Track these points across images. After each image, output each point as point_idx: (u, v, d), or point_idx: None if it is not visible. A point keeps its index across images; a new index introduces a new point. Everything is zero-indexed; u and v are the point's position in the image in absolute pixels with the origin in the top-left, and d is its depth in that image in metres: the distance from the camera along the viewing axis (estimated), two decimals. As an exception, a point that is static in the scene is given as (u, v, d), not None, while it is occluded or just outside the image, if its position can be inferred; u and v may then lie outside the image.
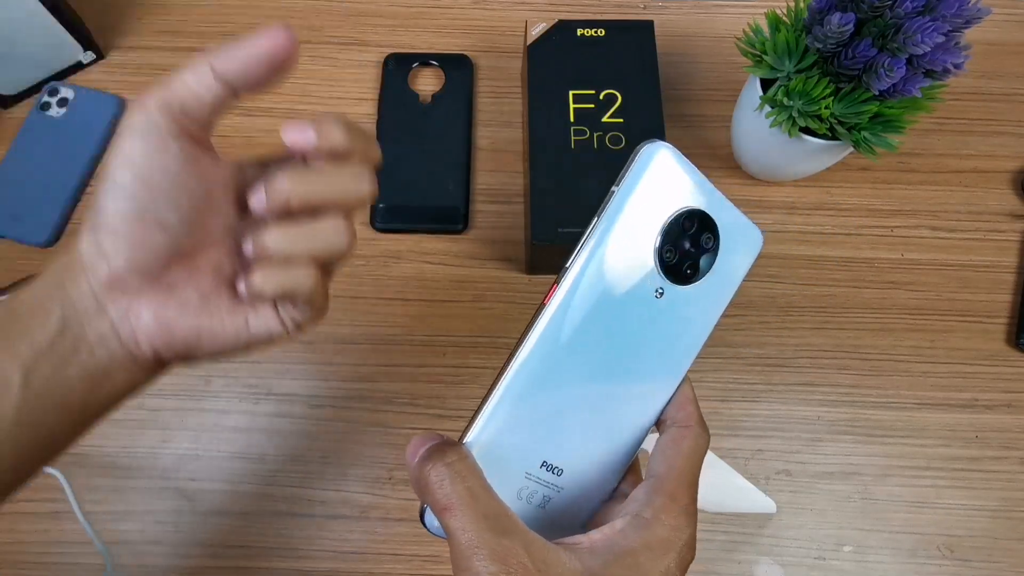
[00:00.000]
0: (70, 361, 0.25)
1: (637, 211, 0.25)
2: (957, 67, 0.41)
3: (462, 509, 0.22)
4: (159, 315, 0.26)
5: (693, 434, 0.26)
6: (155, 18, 0.63)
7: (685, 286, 0.26)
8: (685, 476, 0.25)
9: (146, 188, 0.25)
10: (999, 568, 0.47)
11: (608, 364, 0.26)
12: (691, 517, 0.24)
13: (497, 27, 0.63)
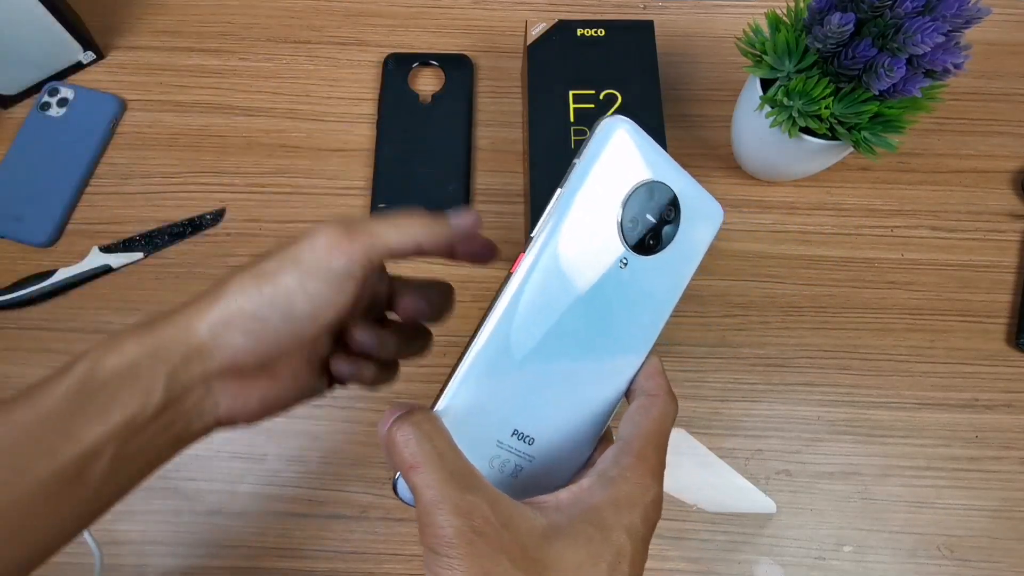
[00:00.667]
0: (164, 433, 0.26)
1: (599, 183, 0.26)
2: (957, 67, 0.41)
3: (427, 467, 0.22)
4: (263, 398, 0.28)
5: (662, 402, 0.26)
6: (155, 18, 0.63)
7: (648, 257, 0.27)
8: (652, 438, 0.25)
9: (311, 320, 0.26)
10: (999, 568, 0.47)
11: (576, 334, 0.26)
12: (657, 477, 0.24)
13: (497, 27, 0.63)
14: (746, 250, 0.56)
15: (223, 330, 0.25)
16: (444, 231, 0.28)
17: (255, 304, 0.25)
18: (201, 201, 0.57)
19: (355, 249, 0.26)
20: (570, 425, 0.27)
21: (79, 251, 0.55)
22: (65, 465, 0.23)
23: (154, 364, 0.24)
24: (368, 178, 0.57)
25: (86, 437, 0.23)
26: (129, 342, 0.25)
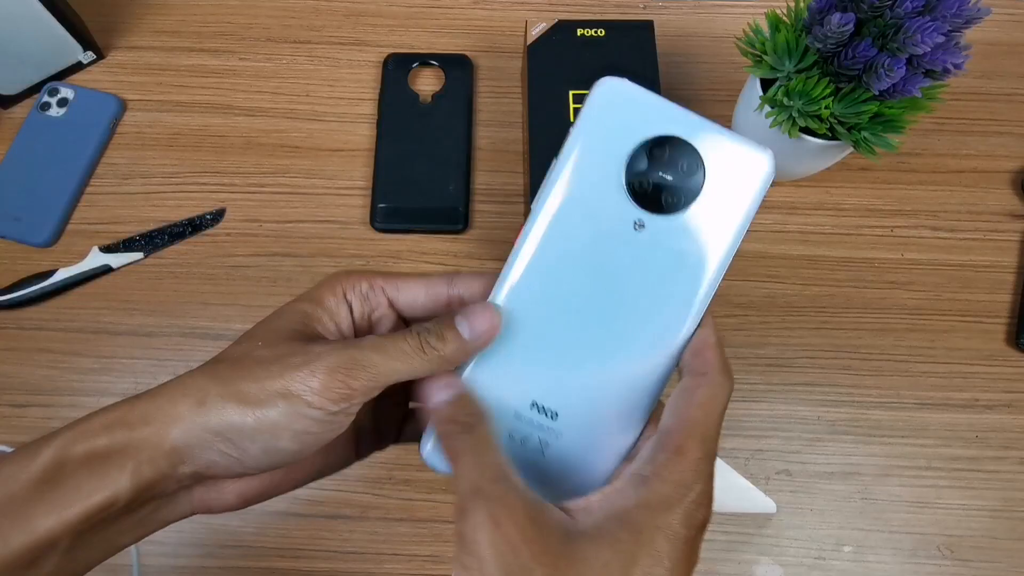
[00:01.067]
0: (128, 524, 0.24)
1: (598, 142, 0.25)
2: (957, 67, 0.41)
3: (463, 459, 0.23)
4: (244, 493, 0.27)
5: (709, 382, 0.23)
6: (155, 18, 0.63)
7: (669, 216, 0.25)
8: (697, 428, 0.22)
9: (295, 454, 0.24)
10: (999, 568, 0.47)
11: (593, 302, 0.25)
12: (700, 473, 0.22)
13: (497, 27, 0.63)
14: (746, 250, 0.55)
15: (196, 445, 0.23)
16: (462, 355, 0.25)
17: (234, 432, 0.23)
18: (201, 201, 0.57)
19: (354, 393, 0.23)
20: (602, 401, 0.25)
21: (79, 251, 0.55)
22: (16, 553, 0.22)
23: (122, 461, 0.23)
24: (368, 178, 0.57)
25: (41, 527, 0.22)
26: (100, 434, 0.23)
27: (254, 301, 0.54)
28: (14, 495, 0.22)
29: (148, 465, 0.23)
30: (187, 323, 0.53)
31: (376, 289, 0.28)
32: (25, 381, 0.51)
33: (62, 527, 0.22)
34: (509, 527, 0.21)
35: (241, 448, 0.23)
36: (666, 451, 0.22)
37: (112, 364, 0.52)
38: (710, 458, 0.22)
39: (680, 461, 0.22)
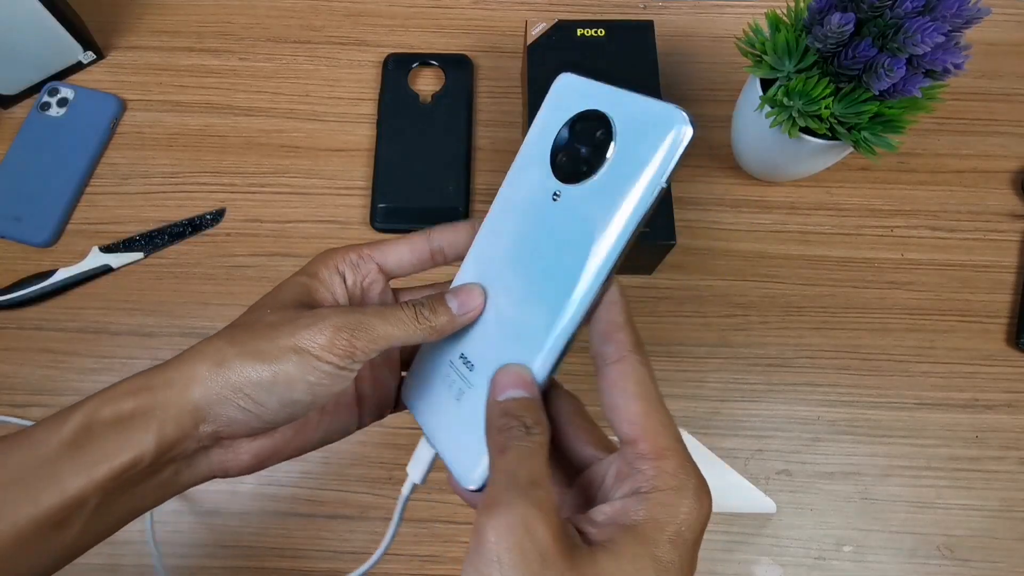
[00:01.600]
0: (151, 485, 0.26)
1: (539, 129, 0.28)
2: (957, 67, 0.41)
3: (517, 455, 0.23)
4: (259, 453, 0.28)
5: (630, 368, 0.23)
6: (155, 18, 0.63)
7: (577, 184, 0.25)
8: (656, 422, 0.22)
9: (308, 407, 0.26)
10: (999, 568, 0.47)
11: (518, 270, 0.27)
12: (682, 466, 0.22)
13: (497, 27, 0.63)
14: (746, 250, 0.56)
15: (216, 402, 0.25)
16: (452, 327, 0.27)
17: (252, 387, 0.25)
18: (201, 201, 0.57)
19: (356, 351, 0.25)
20: (505, 358, 0.26)
21: (79, 251, 0.55)
22: (47, 512, 0.23)
23: (147, 422, 0.24)
24: (368, 178, 0.57)
25: (71, 487, 0.24)
26: (125, 398, 0.25)
27: (254, 301, 0.53)
28: (45, 457, 0.24)
29: (171, 424, 0.25)
30: (187, 323, 0.53)
31: (364, 258, 0.30)
32: (25, 381, 0.51)
33: (91, 486, 0.24)
34: (542, 534, 0.20)
35: (259, 402, 0.25)
36: (647, 460, 0.22)
37: (112, 364, 0.52)
38: (680, 445, 0.22)
39: (667, 464, 0.22)
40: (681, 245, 0.55)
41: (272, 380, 0.25)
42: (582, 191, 0.25)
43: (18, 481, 0.24)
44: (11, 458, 0.24)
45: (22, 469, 0.24)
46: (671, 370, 0.52)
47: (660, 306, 0.54)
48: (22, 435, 0.25)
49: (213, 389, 0.25)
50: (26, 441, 0.24)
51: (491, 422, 0.25)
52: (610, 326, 0.24)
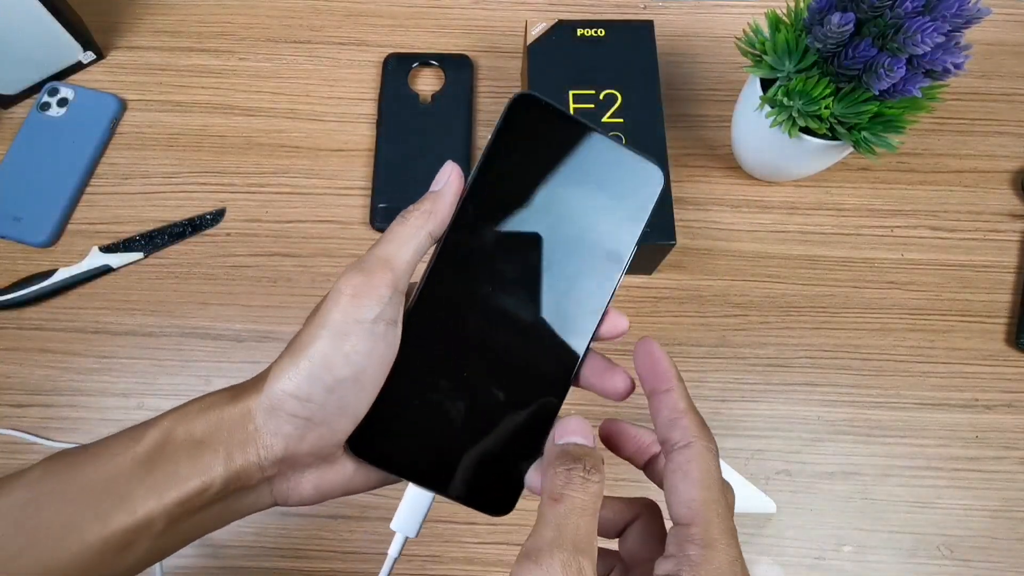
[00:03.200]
0: (216, 512, 0.25)
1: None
2: (957, 67, 0.41)
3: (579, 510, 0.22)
4: (320, 485, 0.27)
5: (697, 453, 0.23)
6: (155, 18, 0.63)
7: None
8: (712, 510, 0.22)
9: (357, 385, 0.25)
10: (999, 568, 0.47)
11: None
12: (729, 551, 0.22)
13: (497, 27, 0.63)
14: (746, 250, 0.56)
15: (271, 418, 0.24)
16: (443, 204, 0.26)
17: (295, 384, 0.24)
18: (201, 201, 0.57)
19: (379, 288, 0.24)
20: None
21: (79, 251, 0.55)
22: (115, 533, 0.23)
23: (216, 448, 0.24)
24: (368, 178, 0.57)
25: (141, 509, 0.23)
26: (197, 417, 0.25)
27: (254, 301, 0.54)
28: (118, 474, 0.23)
29: (238, 451, 0.24)
30: (187, 323, 0.53)
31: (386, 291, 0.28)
32: (25, 381, 0.51)
33: (159, 510, 0.23)
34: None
35: (305, 400, 0.24)
36: (696, 545, 0.22)
37: (112, 364, 0.52)
38: (731, 532, 0.22)
39: (715, 556, 0.21)
40: (681, 245, 0.55)
41: (309, 368, 0.24)
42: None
43: (90, 497, 0.23)
44: (84, 472, 0.24)
45: (95, 485, 0.23)
46: (671, 370, 0.52)
47: (660, 306, 0.54)
48: (98, 447, 0.24)
49: (265, 404, 0.24)
50: (102, 453, 0.24)
51: (549, 462, 0.24)
52: (674, 412, 0.24)
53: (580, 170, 0.27)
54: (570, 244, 0.27)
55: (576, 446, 0.24)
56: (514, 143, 0.27)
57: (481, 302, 0.27)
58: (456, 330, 0.27)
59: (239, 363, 0.52)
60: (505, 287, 0.27)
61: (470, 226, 0.27)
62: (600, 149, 0.27)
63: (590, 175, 0.27)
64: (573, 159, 0.27)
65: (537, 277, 0.27)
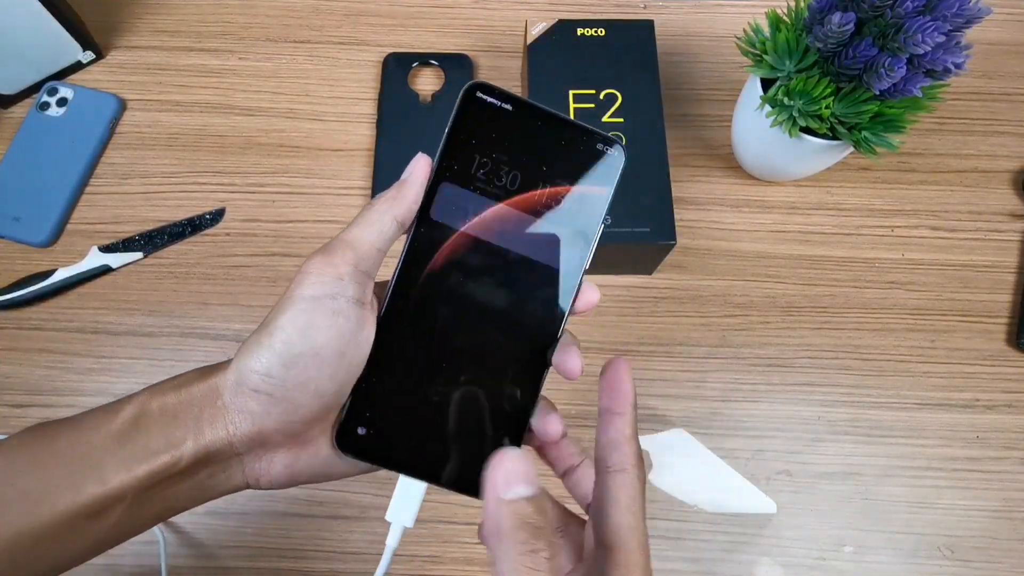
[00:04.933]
0: (187, 487, 0.26)
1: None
2: (958, 67, 0.41)
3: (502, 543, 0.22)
4: (293, 468, 0.27)
5: (630, 480, 0.24)
6: (154, 18, 0.63)
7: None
8: (636, 538, 0.23)
9: (316, 360, 0.25)
10: (999, 568, 0.47)
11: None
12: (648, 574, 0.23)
13: (497, 27, 0.63)
14: (746, 250, 0.55)
15: (237, 394, 0.25)
16: (409, 191, 0.27)
17: (256, 359, 0.24)
18: (201, 201, 0.57)
19: (339, 267, 0.25)
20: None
21: (79, 251, 0.54)
22: (87, 502, 0.24)
23: (187, 420, 0.25)
24: (368, 178, 0.57)
25: (113, 480, 0.24)
26: (170, 392, 0.25)
27: (254, 301, 0.53)
28: (94, 445, 0.24)
29: (208, 426, 0.25)
30: (187, 323, 0.53)
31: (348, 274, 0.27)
32: (25, 381, 0.51)
33: (131, 482, 0.24)
34: None
35: (265, 374, 0.24)
36: (619, 570, 0.23)
37: (112, 364, 0.52)
38: (647, 557, 0.23)
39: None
40: (681, 245, 0.55)
41: (269, 344, 0.24)
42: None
43: (64, 466, 0.24)
44: (61, 441, 0.24)
45: (70, 454, 0.24)
46: (671, 370, 0.52)
47: (660, 306, 0.54)
48: (77, 419, 0.25)
49: (232, 381, 0.25)
50: (79, 426, 0.25)
51: (503, 531, 0.22)
52: (620, 436, 0.25)
53: (541, 152, 0.27)
54: (538, 226, 0.27)
55: (526, 502, 0.22)
56: (472, 131, 0.27)
57: (454, 289, 0.27)
58: (431, 319, 0.27)
59: (239, 363, 0.52)
60: (476, 273, 0.27)
61: (437, 213, 0.27)
62: (559, 130, 0.27)
63: (551, 156, 0.27)
64: (532, 142, 0.27)
65: (508, 261, 0.27)
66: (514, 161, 0.27)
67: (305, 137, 0.59)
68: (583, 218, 0.28)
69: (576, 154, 0.27)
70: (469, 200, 0.27)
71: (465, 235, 0.27)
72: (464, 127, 0.27)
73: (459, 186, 0.27)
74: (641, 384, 0.52)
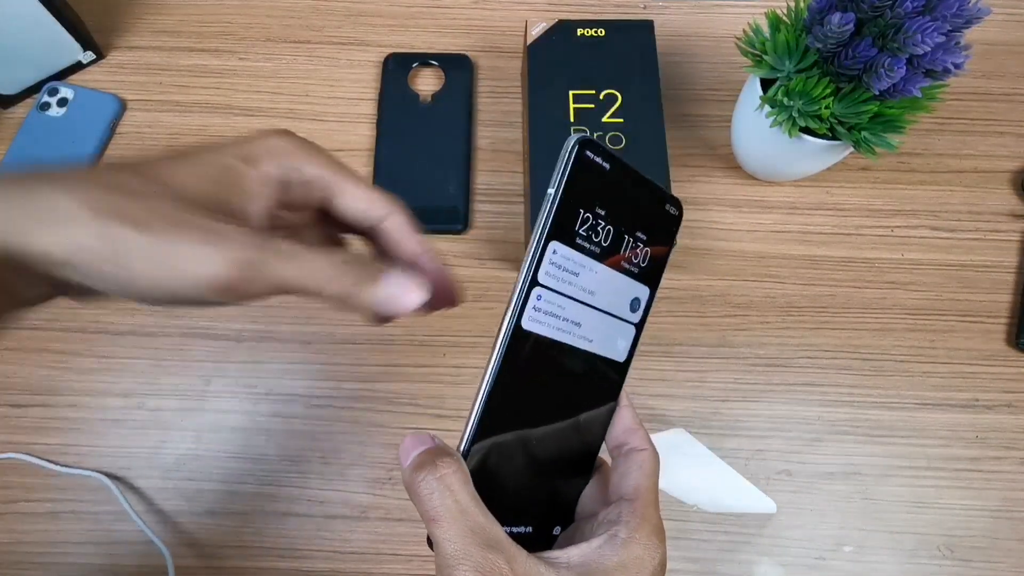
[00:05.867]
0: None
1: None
2: (957, 67, 0.41)
3: (449, 521, 0.22)
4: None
5: (651, 456, 0.28)
6: (155, 18, 0.63)
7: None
8: (652, 496, 0.26)
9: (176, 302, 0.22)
10: (999, 568, 0.47)
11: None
12: (662, 536, 0.26)
13: (497, 27, 0.63)
14: (746, 250, 0.55)
15: (89, 262, 0.21)
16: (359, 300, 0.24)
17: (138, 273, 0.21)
18: (201, 201, 0.57)
19: (245, 294, 0.22)
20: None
21: (79, 251, 0.54)
22: None
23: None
24: (368, 178, 0.57)
25: None
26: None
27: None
28: None
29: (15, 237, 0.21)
30: (187, 323, 0.53)
31: (318, 184, 0.26)
32: (25, 381, 0.51)
33: None
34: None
35: (134, 288, 0.21)
36: (635, 517, 0.25)
37: (112, 364, 0.52)
38: (661, 523, 0.26)
39: (647, 525, 0.25)
40: (681, 245, 0.55)
41: (156, 280, 0.21)
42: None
43: None
44: None
45: None
46: (671, 370, 0.52)
47: (660, 306, 0.54)
48: None
49: (87, 243, 0.21)
50: None
51: (408, 488, 0.24)
52: (634, 423, 0.28)
53: (631, 212, 0.27)
54: (624, 285, 0.28)
55: (418, 458, 0.24)
56: (579, 190, 0.25)
57: (556, 349, 0.27)
58: (537, 381, 0.27)
59: (239, 363, 0.52)
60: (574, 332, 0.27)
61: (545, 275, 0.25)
62: (644, 190, 0.28)
63: (638, 216, 0.28)
64: (624, 202, 0.27)
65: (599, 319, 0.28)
66: (610, 220, 0.27)
67: (305, 137, 0.59)
68: (653, 276, 0.29)
69: (655, 215, 0.28)
70: (572, 259, 0.26)
71: (570, 297, 0.26)
72: (572, 186, 0.25)
73: (566, 245, 0.26)
74: (641, 384, 0.52)
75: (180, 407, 0.51)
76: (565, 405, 0.27)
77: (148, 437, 0.50)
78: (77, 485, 0.48)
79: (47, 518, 0.48)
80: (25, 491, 0.49)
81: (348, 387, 0.51)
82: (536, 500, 0.27)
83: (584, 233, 0.26)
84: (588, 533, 0.26)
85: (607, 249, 0.27)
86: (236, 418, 0.50)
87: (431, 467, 0.23)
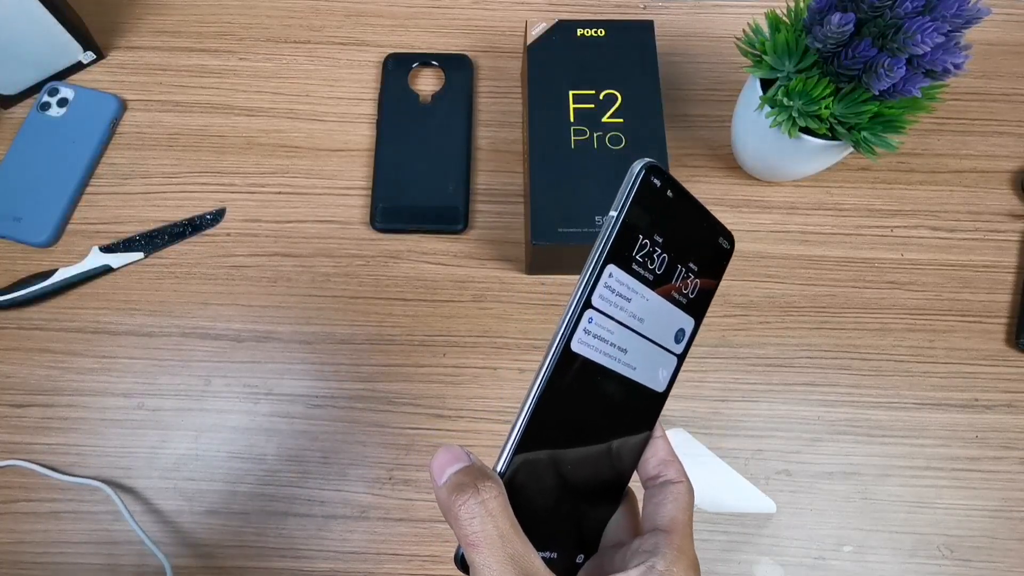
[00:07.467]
0: None
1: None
2: (957, 67, 0.41)
3: (489, 548, 0.22)
4: None
5: (687, 489, 0.28)
6: (155, 18, 0.63)
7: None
8: (688, 530, 0.26)
9: None
10: (999, 568, 0.47)
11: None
12: (698, 570, 0.26)
13: (497, 27, 0.63)
14: (746, 250, 0.56)
15: None
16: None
17: None
18: (201, 201, 0.57)
19: None
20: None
21: (79, 251, 0.55)
22: None
23: None
24: (368, 178, 0.57)
25: None
26: None
27: (254, 301, 0.54)
28: None
29: None
30: (187, 323, 0.53)
31: None
32: (25, 381, 0.51)
33: None
34: None
35: None
36: (672, 549, 0.25)
37: (112, 364, 0.52)
38: (695, 555, 0.27)
39: (683, 559, 0.25)
40: (681, 245, 0.55)
41: None
42: None
43: None
44: None
45: None
46: (671, 370, 0.52)
47: (660, 306, 0.54)
48: None
49: None
50: None
51: (445, 508, 0.23)
52: (670, 455, 0.29)
53: (688, 241, 0.27)
54: (675, 316, 0.28)
55: (457, 478, 0.24)
56: (640, 215, 0.25)
57: (600, 373, 0.26)
58: (576, 405, 0.26)
59: (239, 363, 0.52)
60: (619, 357, 0.27)
61: (599, 299, 0.25)
62: (702, 220, 0.28)
63: (695, 246, 0.28)
64: (682, 230, 0.27)
65: (645, 346, 0.27)
66: (666, 248, 0.26)
67: (305, 137, 0.59)
68: (699, 308, 0.30)
69: (709, 247, 0.28)
70: (627, 284, 0.26)
71: (619, 323, 0.26)
72: (634, 211, 0.25)
73: (622, 269, 0.25)
74: (641, 384, 0.52)
75: (180, 407, 0.51)
76: (601, 431, 0.27)
77: (148, 437, 0.50)
78: (77, 486, 0.49)
79: (47, 518, 0.48)
80: (25, 492, 0.49)
81: (348, 387, 0.51)
82: (565, 526, 0.27)
83: (640, 259, 0.26)
84: (620, 563, 0.25)
85: (660, 277, 0.26)
86: (236, 418, 0.51)
87: (473, 491, 0.23)
